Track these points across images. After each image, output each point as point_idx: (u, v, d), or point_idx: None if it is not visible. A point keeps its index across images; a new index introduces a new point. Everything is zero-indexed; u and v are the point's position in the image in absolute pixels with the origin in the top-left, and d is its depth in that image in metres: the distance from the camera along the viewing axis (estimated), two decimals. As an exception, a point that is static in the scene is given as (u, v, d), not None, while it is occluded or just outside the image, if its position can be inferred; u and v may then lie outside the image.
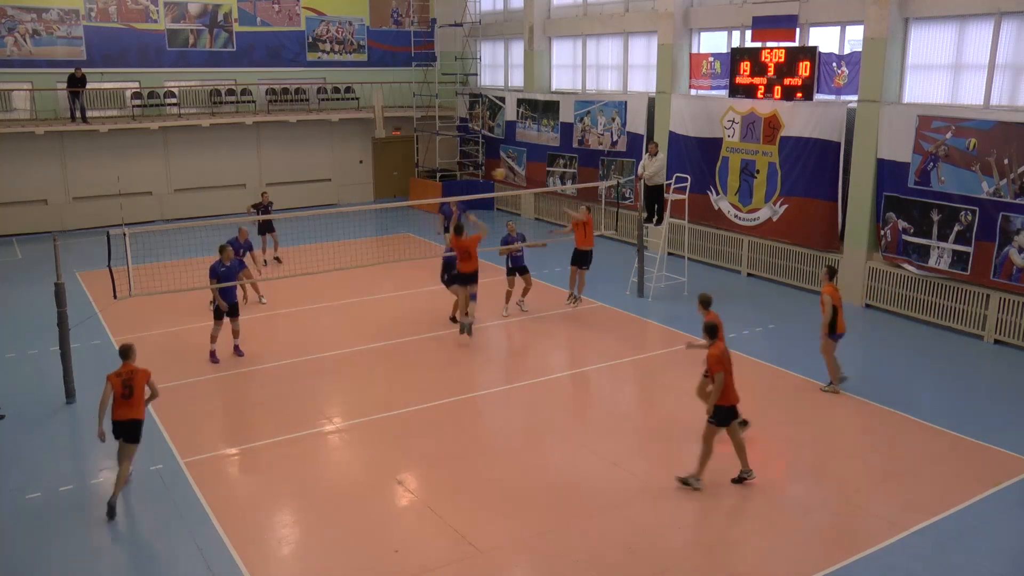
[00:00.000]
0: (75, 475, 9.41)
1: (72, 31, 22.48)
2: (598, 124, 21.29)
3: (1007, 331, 13.37)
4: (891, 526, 8.22)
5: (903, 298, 14.82)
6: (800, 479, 9.35)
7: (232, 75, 24.77)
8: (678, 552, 7.86)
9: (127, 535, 8.31)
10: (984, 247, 13.38)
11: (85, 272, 17.60)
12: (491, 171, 16.57)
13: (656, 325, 14.45)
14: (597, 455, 9.73)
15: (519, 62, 24.76)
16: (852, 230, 15.51)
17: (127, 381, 8.70)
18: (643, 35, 20.32)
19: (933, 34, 14.33)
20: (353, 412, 10.98)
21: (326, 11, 26.12)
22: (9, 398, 11.26)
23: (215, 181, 24.60)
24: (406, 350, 13.26)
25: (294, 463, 9.65)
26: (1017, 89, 13.27)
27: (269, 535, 8.22)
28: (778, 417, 10.85)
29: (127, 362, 8.86)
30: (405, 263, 17.35)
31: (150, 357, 12.95)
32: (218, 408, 11.30)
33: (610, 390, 12.17)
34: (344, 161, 26.66)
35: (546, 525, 8.32)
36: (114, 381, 8.69)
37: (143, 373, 8.80)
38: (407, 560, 7.70)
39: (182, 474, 9.32)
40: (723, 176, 17.84)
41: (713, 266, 18.32)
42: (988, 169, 13.21)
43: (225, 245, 12.92)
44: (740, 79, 16.98)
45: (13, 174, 21.86)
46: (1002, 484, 9.03)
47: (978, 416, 10.80)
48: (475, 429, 10.66)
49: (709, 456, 8.80)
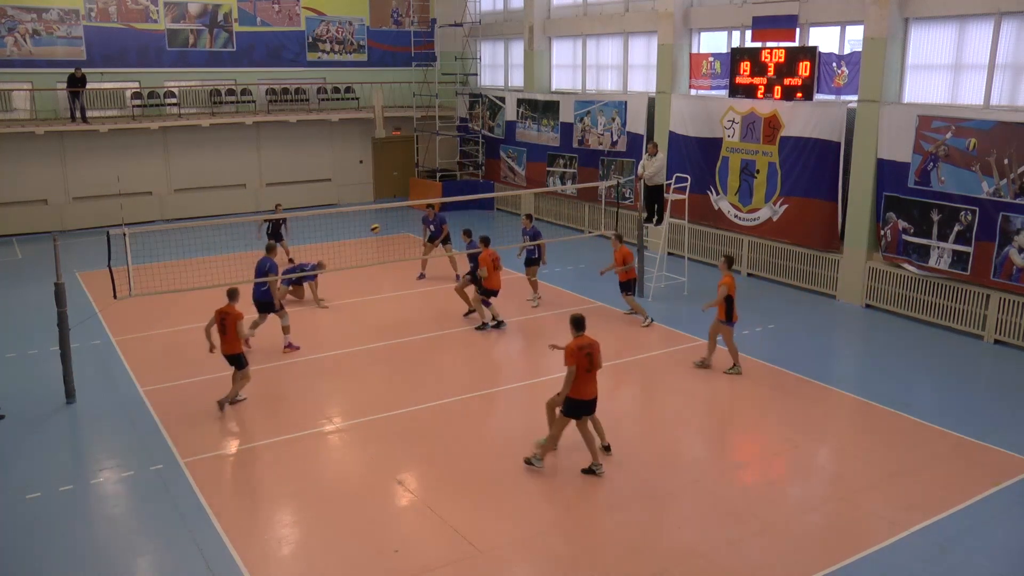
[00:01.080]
0: (75, 475, 9.40)
1: (72, 31, 22.48)
2: (598, 124, 21.29)
3: (1007, 331, 13.37)
4: (891, 526, 8.22)
5: (903, 298, 14.82)
6: (800, 479, 9.35)
7: (232, 75, 24.78)
8: (678, 552, 7.86)
9: (127, 535, 8.31)
10: (984, 247, 13.38)
11: (85, 272, 17.60)
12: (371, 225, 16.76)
13: (656, 325, 14.44)
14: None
15: (519, 62, 24.77)
16: (852, 230, 15.51)
17: (223, 320, 10.60)
18: (643, 35, 20.32)
19: (933, 34, 14.33)
20: (353, 412, 10.98)
21: (326, 11, 26.12)
22: (9, 398, 11.27)
23: (215, 181, 24.60)
24: (406, 350, 13.26)
25: (294, 463, 9.65)
26: (1017, 89, 13.27)
27: (269, 535, 8.22)
28: (778, 417, 10.86)
29: (230, 303, 10.72)
30: (405, 263, 17.34)
31: (150, 357, 13.01)
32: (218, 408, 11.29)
33: (610, 390, 12.16)
34: (344, 161, 26.66)
35: (546, 525, 8.32)
36: (216, 316, 10.69)
37: (234, 315, 10.57)
38: (407, 560, 7.70)
39: (182, 474, 9.32)
40: (723, 176, 17.84)
41: (713, 266, 18.27)
42: (988, 169, 13.21)
43: (274, 244, 13.87)
44: (740, 79, 16.98)
45: (13, 174, 21.86)
46: (1002, 484, 9.04)
47: (978, 416, 10.80)
48: (475, 429, 10.66)
49: (554, 444, 9.16)
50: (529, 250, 15.44)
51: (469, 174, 26.65)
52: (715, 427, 10.82)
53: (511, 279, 17.01)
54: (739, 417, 11.04)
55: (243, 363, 10.94)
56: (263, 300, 13.01)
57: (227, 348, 10.78)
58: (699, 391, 11.73)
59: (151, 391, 11.64)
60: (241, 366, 10.91)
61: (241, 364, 10.90)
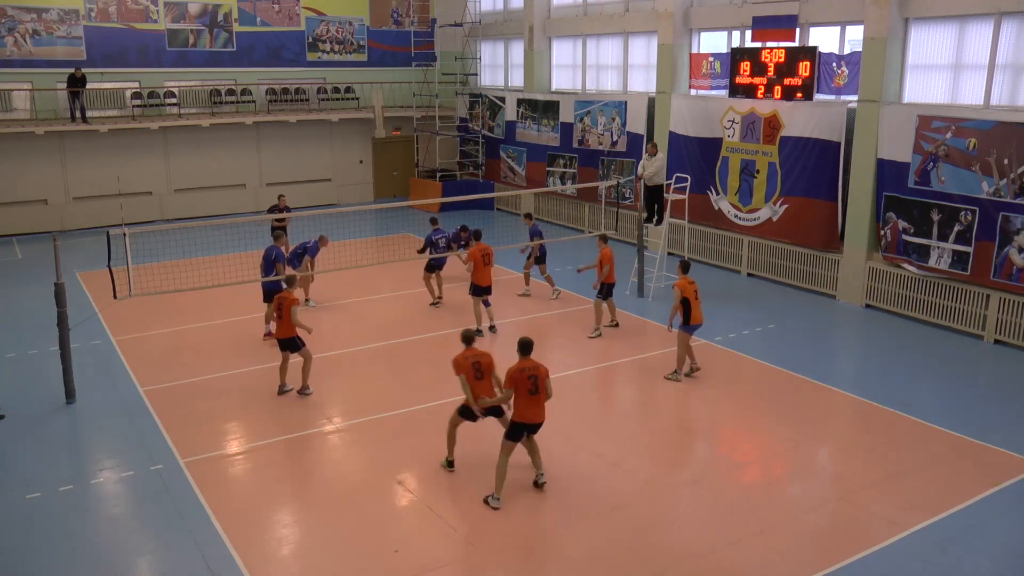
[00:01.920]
0: (75, 475, 9.40)
1: (72, 31, 22.48)
2: (598, 124, 21.29)
3: (1007, 331, 13.37)
4: (891, 526, 8.22)
5: (903, 298, 14.81)
6: (800, 479, 9.35)
7: (232, 75, 24.78)
8: (678, 552, 7.85)
9: (127, 535, 8.31)
10: (984, 247, 13.38)
11: (85, 272, 17.60)
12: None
13: (656, 325, 14.44)
14: (597, 455, 9.74)
15: (519, 62, 24.77)
16: (852, 230, 15.51)
17: (280, 305, 11.14)
18: (643, 35, 20.32)
19: (933, 34, 14.33)
20: (353, 412, 10.98)
21: (326, 11, 26.12)
22: (9, 398, 11.27)
23: (215, 181, 24.60)
24: (406, 350, 13.26)
25: (294, 463, 9.65)
26: (1017, 89, 13.27)
27: (269, 535, 8.22)
28: (778, 417, 10.85)
29: (287, 290, 11.43)
30: (405, 263, 17.34)
31: (150, 357, 13.01)
32: (218, 408, 11.29)
33: (610, 390, 12.17)
34: (344, 161, 26.66)
35: (546, 525, 8.32)
36: (275, 301, 11.39)
37: (290, 300, 11.08)
38: (407, 560, 7.70)
39: (182, 474, 9.32)
40: (723, 176, 17.84)
41: (713, 266, 18.32)
42: (988, 169, 13.21)
43: (281, 233, 14.15)
44: (740, 79, 16.98)
45: (13, 174, 21.86)
46: (1002, 484, 9.04)
47: (978, 416, 10.80)
48: (475, 429, 10.65)
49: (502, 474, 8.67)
50: (539, 247, 15.58)
51: (469, 174, 26.65)
52: (715, 427, 10.82)
53: (510, 279, 17.02)
54: (739, 417, 11.04)
55: (298, 345, 11.27)
56: (271, 289, 13.14)
57: (282, 332, 11.25)
58: (699, 391, 11.72)
59: (151, 391, 11.64)
60: (296, 348, 11.29)
61: (296, 346, 11.28)
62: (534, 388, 8.60)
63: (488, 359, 9.21)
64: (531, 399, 8.63)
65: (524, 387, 8.58)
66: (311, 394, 11.43)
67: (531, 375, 8.61)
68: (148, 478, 9.24)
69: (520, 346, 8.88)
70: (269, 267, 13.43)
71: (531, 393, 8.60)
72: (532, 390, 8.59)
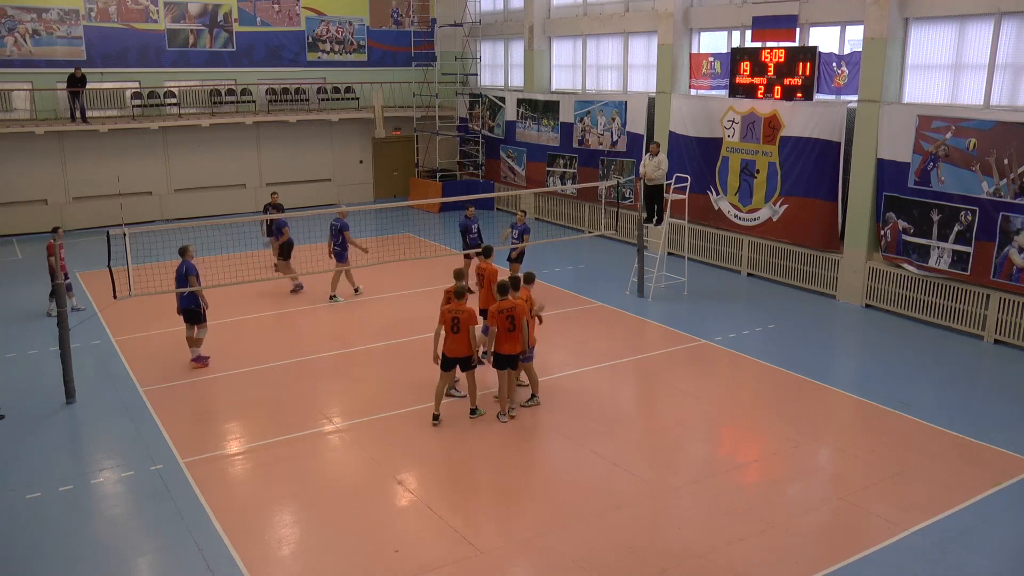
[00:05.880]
0: (75, 475, 9.40)
1: (72, 31, 22.47)
2: (598, 124, 21.29)
3: (1007, 331, 13.37)
4: (891, 526, 8.22)
5: (903, 298, 14.82)
6: (800, 479, 9.34)
7: (232, 75, 24.77)
8: (678, 552, 7.85)
9: (127, 535, 8.31)
10: (984, 247, 13.38)
11: (85, 272, 17.60)
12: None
13: (656, 325, 14.45)
14: (597, 455, 9.74)
15: (519, 62, 24.77)
16: (852, 230, 15.51)
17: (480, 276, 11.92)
18: (643, 35, 20.32)
19: (933, 34, 14.33)
20: (353, 412, 10.98)
21: (326, 11, 26.12)
22: (9, 398, 11.27)
23: (215, 181, 24.60)
24: (406, 350, 13.25)
25: (294, 463, 9.65)
26: (1017, 89, 13.27)
27: (269, 535, 8.21)
28: (778, 417, 10.85)
29: (486, 260, 11.97)
30: (405, 263, 17.34)
31: (150, 357, 13.00)
32: (218, 408, 11.30)
33: (610, 390, 12.17)
34: (344, 161, 26.66)
35: (546, 525, 8.32)
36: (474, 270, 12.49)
37: (491, 271, 11.70)
38: (407, 560, 7.70)
39: (182, 474, 9.32)
40: (723, 176, 17.84)
41: (713, 266, 18.33)
42: (988, 169, 13.21)
43: (187, 246, 12.59)
44: (740, 79, 16.98)
45: (13, 174, 21.86)
46: (1002, 484, 9.04)
47: (978, 416, 10.80)
48: (475, 429, 10.66)
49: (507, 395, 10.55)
50: (515, 246, 15.31)
51: (469, 174, 26.65)
52: (715, 427, 10.82)
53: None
54: (739, 417, 11.04)
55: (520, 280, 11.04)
56: (188, 308, 12.40)
57: (483, 302, 11.73)
58: (698, 391, 11.73)
59: (151, 391, 11.64)
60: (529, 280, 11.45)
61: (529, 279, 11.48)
62: (511, 326, 10.14)
63: (468, 314, 10.21)
64: (507, 336, 10.19)
65: (503, 326, 10.14)
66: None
67: (508, 315, 10.12)
68: (148, 478, 9.24)
69: (498, 287, 10.32)
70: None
71: (508, 331, 10.17)
72: (509, 328, 10.15)
